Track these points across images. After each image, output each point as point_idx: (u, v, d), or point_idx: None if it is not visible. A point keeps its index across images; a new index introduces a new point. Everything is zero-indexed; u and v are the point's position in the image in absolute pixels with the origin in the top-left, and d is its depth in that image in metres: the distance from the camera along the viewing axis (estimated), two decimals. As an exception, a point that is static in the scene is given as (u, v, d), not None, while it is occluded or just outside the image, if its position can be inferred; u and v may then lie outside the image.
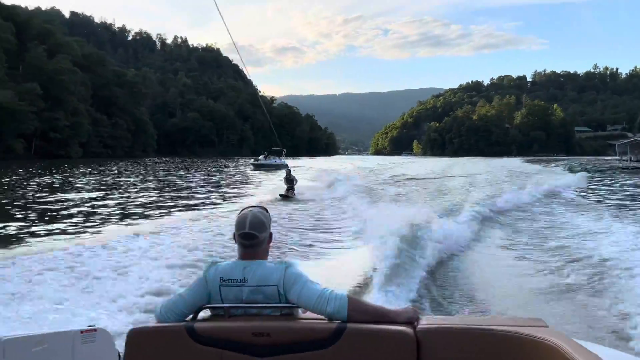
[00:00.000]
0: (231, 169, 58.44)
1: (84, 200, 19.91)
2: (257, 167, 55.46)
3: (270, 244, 2.25)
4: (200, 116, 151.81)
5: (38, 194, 22.18)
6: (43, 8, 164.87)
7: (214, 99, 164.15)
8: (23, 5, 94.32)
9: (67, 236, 11.47)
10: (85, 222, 14.08)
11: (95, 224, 13.79)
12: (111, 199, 20.72)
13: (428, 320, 2.04)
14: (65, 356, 2.08)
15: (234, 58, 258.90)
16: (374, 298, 5.80)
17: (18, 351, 1.86)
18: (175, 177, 38.83)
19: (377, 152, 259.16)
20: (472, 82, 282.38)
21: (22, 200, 19.58)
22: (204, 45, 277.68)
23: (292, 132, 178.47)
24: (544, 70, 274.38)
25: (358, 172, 40.67)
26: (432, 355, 1.90)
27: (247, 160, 78.81)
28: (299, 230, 12.13)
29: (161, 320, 2.15)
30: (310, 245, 10.18)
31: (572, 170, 47.02)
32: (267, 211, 2.26)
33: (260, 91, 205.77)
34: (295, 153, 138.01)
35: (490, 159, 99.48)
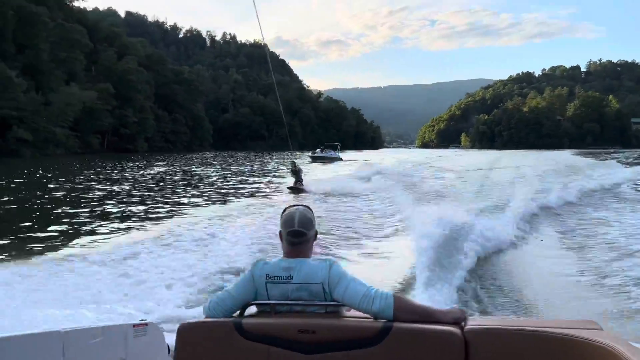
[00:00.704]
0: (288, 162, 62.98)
1: (176, 190, 22.74)
2: (315, 159, 60.27)
3: (314, 242, 2.30)
4: (251, 111, 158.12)
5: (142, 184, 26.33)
6: (100, 9, 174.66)
7: (263, 95, 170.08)
8: (80, 7, 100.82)
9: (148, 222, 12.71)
10: (175, 209, 15.91)
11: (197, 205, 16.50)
12: (206, 188, 25.23)
13: (476, 321, 2.03)
14: (119, 348, 2.22)
15: (282, 53, 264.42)
16: (415, 298, 5.62)
17: (76, 343, 1.96)
18: (259, 166, 43.73)
19: (424, 145, 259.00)
20: (522, 73, 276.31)
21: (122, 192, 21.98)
22: (252, 41, 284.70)
23: (339, 126, 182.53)
24: (600, 60, 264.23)
25: (401, 165, 41.01)
26: (481, 357, 1.89)
27: (299, 153, 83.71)
28: (336, 226, 11.97)
29: (209, 315, 2.22)
30: (349, 243, 10.07)
31: (627, 163, 44.43)
32: (310, 209, 2.32)
33: (307, 86, 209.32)
34: (341, 147, 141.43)
35: (540, 151, 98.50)
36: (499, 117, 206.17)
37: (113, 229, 11.96)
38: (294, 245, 2.19)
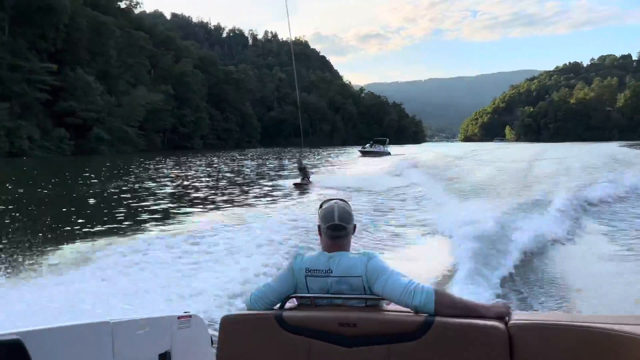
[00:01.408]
0: (340, 157, 67.50)
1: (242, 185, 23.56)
2: (364, 154, 64.58)
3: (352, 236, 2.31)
4: (295, 109, 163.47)
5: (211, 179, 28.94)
6: (147, 11, 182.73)
7: (307, 92, 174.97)
8: (135, 13, 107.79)
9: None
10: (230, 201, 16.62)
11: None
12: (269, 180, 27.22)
13: (520, 316, 1.99)
14: (164, 339, 2.31)
15: (321, 49, 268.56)
16: (455, 292, 5.26)
17: (124, 333, 2.04)
18: (322, 162, 48.43)
19: (467, 139, 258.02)
20: (569, 63, 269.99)
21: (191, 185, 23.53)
22: (293, 39, 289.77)
23: (381, 121, 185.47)
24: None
25: (439, 159, 40.69)
26: (526, 352, 1.86)
27: (344, 148, 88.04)
28: (371, 220, 11.97)
29: (251, 308, 2.27)
30: (386, 237, 10.11)
31: None
32: (347, 203, 2.35)
33: (348, 82, 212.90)
34: (384, 142, 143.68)
35: (587, 144, 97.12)
36: (545, 109, 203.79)
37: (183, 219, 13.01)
38: (334, 239, 2.22)
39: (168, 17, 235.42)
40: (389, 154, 65.20)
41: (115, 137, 68.96)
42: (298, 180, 21.07)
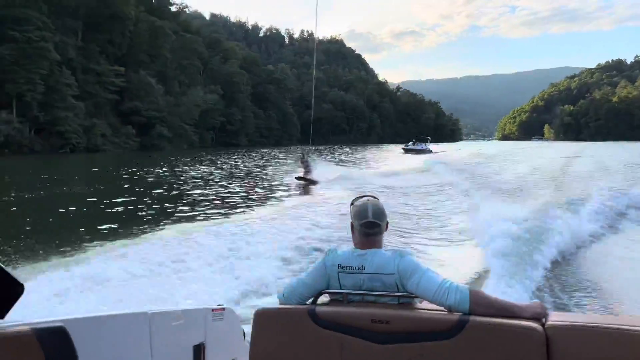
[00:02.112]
0: (384, 154, 71.32)
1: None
2: (407, 151, 68.32)
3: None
4: (333, 107, 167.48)
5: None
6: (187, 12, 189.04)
7: (344, 90, 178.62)
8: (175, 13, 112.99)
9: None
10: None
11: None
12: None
13: (558, 317, 1.96)
14: (198, 331, 2.38)
15: (355, 47, 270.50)
16: (489, 293, 7.47)
17: (161, 323, 2.11)
18: (362, 158, 52.51)
19: (504, 138, 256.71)
20: (612, 60, 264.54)
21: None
22: (329, 37, 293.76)
23: (418, 119, 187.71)
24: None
25: (472, 158, 40.79)
26: (564, 355, 1.83)
27: (382, 146, 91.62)
28: (401, 221, 11.84)
29: (284, 302, 2.30)
30: (415, 236, 10.12)
31: None
32: (378, 199, 2.36)
33: (385, 81, 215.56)
34: (422, 140, 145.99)
35: (630, 143, 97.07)
36: (586, 107, 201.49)
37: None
38: (368, 236, 2.22)
39: (207, 17, 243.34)
40: (430, 151, 68.60)
41: (175, 135, 74.82)
42: (301, 174, 21.54)
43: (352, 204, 2.34)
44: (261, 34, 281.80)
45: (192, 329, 2.34)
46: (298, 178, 21.27)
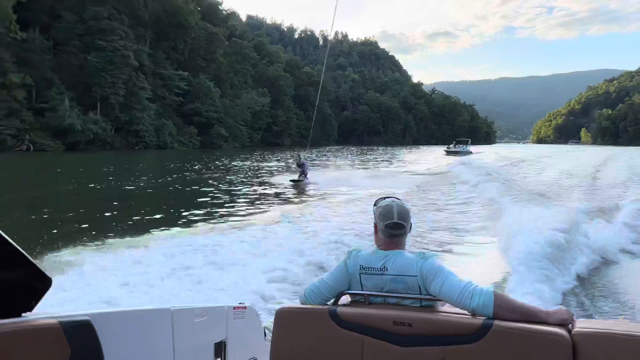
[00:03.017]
0: (428, 156, 75.85)
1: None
2: (449, 153, 73.18)
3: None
4: (369, 109, 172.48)
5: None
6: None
7: (380, 92, 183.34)
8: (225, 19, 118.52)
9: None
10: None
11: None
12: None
13: (585, 324, 1.92)
14: (220, 328, 2.42)
15: (387, 48, 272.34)
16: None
17: (183, 320, 2.14)
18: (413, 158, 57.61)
19: (540, 141, 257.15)
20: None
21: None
22: (362, 39, 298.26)
23: (453, 121, 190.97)
24: None
25: (510, 160, 40.82)
26: None
27: (418, 147, 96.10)
28: (423, 222, 11.85)
29: (305, 302, 2.31)
30: (439, 239, 10.05)
31: None
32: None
33: (421, 83, 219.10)
34: (456, 142, 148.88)
35: None
36: (625, 111, 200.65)
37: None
38: (392, 237, 2.22)
39: (243, 18, 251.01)
40: (470, 153, 73.11)
41: (231, 134, 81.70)
42: (296, 177, 21.68)
43: (375, 204, 2.35)
44: (296, 36, 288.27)
45: (214, 327, 2.40)
46: (292, 181, 21.34)
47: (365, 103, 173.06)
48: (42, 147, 53.54)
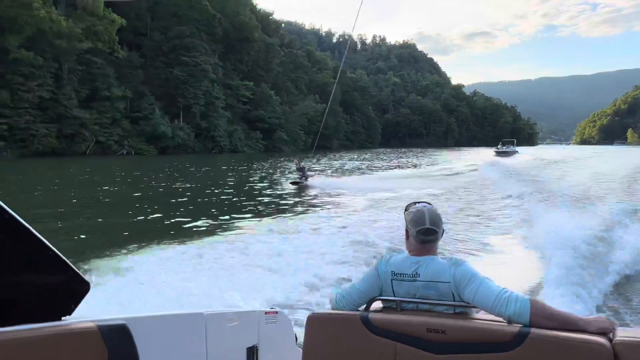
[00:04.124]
0: (476, 156, 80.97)
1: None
2: (499, 153, 78.50)
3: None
4: (411, 111, 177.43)
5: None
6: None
7: (421, 95, 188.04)
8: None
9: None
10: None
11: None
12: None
13: (626, 333, 1.86)
14: (252, 333, 2.44)
15: (423, 49, 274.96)
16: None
17: (216, 324, 2.19)
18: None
19: (583, 142, 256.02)
20: None
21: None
22: (401, 42, 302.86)
23: (495, 123, 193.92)
24: None
25: (546, 162, 41.31)
26: None
27: (467, 149, 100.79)
28: (456, 227, 11.58)
29: (336, 308, 2.30)
30: (469, 244, 9.88)
31: None
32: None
33: (462, 85, 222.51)
34: (497, 143, 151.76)
35: None
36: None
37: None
38: (424, 243, 2.21)
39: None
40: (517, 152, 77.99)
41: (291, 139, 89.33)
42: (296, 180, 22.76)
43: (406, 209, 2.34)
44: (334, 40, 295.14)
45: (246, 331, 2.41)
46: (292, 183, 22.49)
47: (407, 106, 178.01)
48: (140, 151, 62.21)
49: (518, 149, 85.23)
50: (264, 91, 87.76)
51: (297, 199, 18.45)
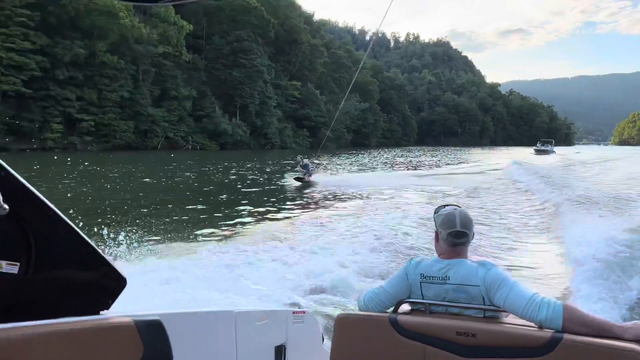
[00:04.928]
0: (517, 154, 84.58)
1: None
2: (538, 152, 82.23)
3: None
4: (446, 110, 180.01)
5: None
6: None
7: (457, 94, 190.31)
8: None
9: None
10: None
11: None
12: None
13: None
14: (280, 332, 2.48)
15: (456, 47, 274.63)
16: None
17: (245, 323, 2.21)
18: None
19: (622, 142, 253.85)
20: None
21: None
22: (435, 40, 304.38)
23: (531, 122, 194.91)
24: None
25: (592, 161, 41.24)
26: None
27: (503, 148, 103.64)
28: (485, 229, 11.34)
29: (363, 309, 2.33)
30: (495, 246, 9.69)
31: None
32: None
33: (498, 84, 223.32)
34: (533, 143, 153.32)
35: None
36: None
37: None
38: (455, 246, 2.22)
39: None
40: (554, 152, 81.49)
41: (335, 136, 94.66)
42: (299, 175, 23.14)
43: (436, 212, 2.35)
44: (367, 38, 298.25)
45: (274, 330, 2.44)
46: (296, 179, 22.98)
47: (443, 104, 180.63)
48: (203, 147, 68.42)
49: (555, 148, 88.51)
50: (309, 90, 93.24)
51: (322, 196, 18.56)
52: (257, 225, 11.89)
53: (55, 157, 38.77)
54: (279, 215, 13.76)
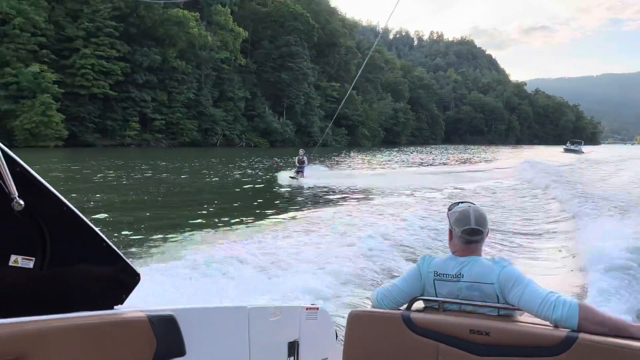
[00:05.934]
0: (545, 152, 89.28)
1: None
2: (567, 150, 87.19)
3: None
4: (472, 109, 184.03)
5: None
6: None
7: (483, 93, 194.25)
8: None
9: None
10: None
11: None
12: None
13: None
14: (293, 328, 2.50)
15: (481, 45, 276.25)
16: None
17: (258, 318, 2.23)
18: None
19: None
20: None
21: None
22: (459, 38, 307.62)
23: (557, 121, 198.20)
24: None
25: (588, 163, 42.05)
26: None
27: (532, 146, 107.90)
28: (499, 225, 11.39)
29: (376, 306, 2.34)
30: (509, 246, 9.56)
31: None
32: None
33: (524, 83, 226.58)
34: (559, 142, 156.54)
35: None
36: None
37: None
38: (470, 244, 2.21)
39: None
40: (582, 152, 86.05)
41: (371, 134, 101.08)
42: (292, 174, 23.35)
43: (450, 209, 2.36)
44: (391, 36, 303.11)
45: (288, 326, 2.46)
46: (292, 177, 23.11)
47: (469, 103, 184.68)
48: (256, 144, 75.30)
49: (583, 148, 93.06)
50: (346, 91, 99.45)
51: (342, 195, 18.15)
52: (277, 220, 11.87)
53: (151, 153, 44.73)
54: (288, 213, 13.51)
